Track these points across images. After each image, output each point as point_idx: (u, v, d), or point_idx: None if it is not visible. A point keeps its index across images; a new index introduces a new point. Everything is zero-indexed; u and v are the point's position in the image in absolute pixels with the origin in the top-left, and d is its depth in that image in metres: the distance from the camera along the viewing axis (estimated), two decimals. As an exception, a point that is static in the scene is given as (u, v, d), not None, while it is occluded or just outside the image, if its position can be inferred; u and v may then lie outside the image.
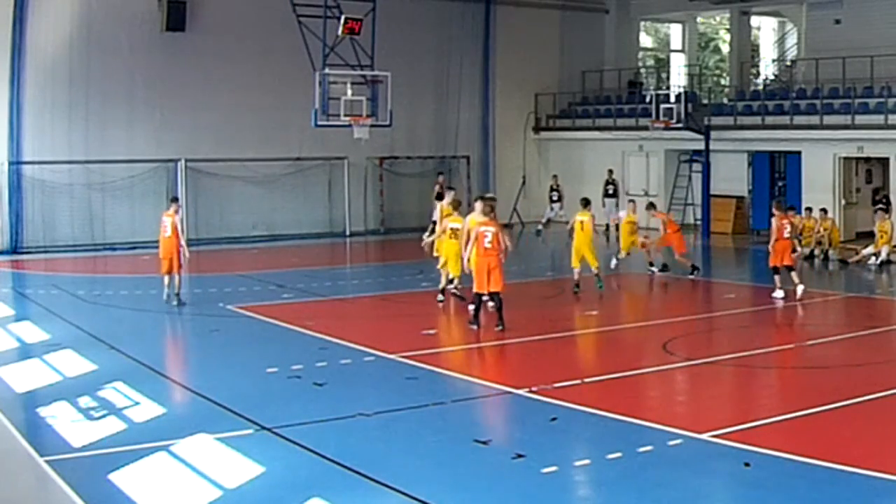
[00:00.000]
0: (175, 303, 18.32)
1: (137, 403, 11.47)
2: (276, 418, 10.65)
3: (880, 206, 25.22)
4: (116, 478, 8.91)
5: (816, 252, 24.90)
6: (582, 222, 19.73)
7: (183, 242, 18.43)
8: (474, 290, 15.85)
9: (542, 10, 35.31)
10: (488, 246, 15.62)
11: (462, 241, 16.75)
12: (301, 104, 26.88)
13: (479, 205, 16.69)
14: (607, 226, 31.63)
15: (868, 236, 26.08)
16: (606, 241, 30.70)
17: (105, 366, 13.36)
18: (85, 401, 11.53)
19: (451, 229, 17.72)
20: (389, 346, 14.41)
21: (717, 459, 9.51)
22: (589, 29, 36.41)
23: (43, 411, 11.17)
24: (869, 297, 20.03)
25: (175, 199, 19.94)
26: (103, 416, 10.94)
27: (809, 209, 25.84)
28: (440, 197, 28.19)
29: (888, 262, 23.47)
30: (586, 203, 20.27)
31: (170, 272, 18.40)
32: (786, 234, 18.85)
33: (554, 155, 36.13)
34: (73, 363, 13.55)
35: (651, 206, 24.37)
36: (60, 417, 10.87)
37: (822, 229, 25.16)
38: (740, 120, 30.27)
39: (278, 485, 8.84)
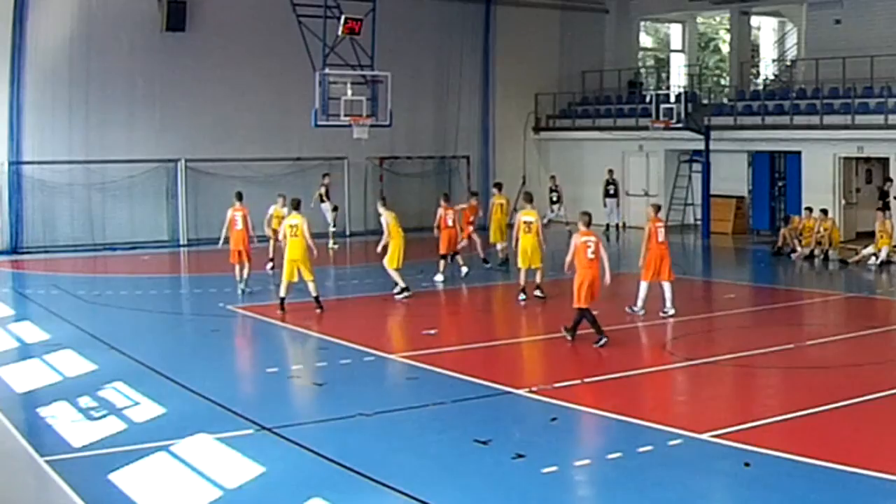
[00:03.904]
0: (247, 290, 19.51)
1: (137, 403, 11.47)
2: (276, 418, 10.65)
3: (883, 203, 25.19)
4: (116, 478, 8.91)
5: (816, 252, 24.89)
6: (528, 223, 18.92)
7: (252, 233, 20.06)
8: (578, 304, 14.51)
9: (542, 10, 35.28)
10: (591, 257, 14.59)
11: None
12: (301, 104, 26.85)
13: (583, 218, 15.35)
14: (607, 226, 31.61)
15: (868, 236, 26.08)
16: (606, 240, 30.71)
17: (105, 366, 13.36)
18: (85, 401, 11.53)
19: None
20: (389, 346, 14.43)
21: (717, 459, 9.51)
22: (589, 29, 36.39)
23: (43, 411, 11.17)
24: (869, 297, 20.02)
25: (240, 194, 20.62)
26: (103, 416, 10.93)
27: (809, 209, 25.84)
28: (323, 198, 28.33)
29: (888, 262, 23.47)
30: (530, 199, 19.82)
31: (240, 262, 19.59)
32: (449, 223, 21.32)
33: (554, 155, 36.12)
34: (73, 363, 13.55)
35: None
36: (60, 417, 10.87)
37: (822, 229, 25.15)
38: (740, 120, 30.26)
39: (278, 485, 8.84)
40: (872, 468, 8.84)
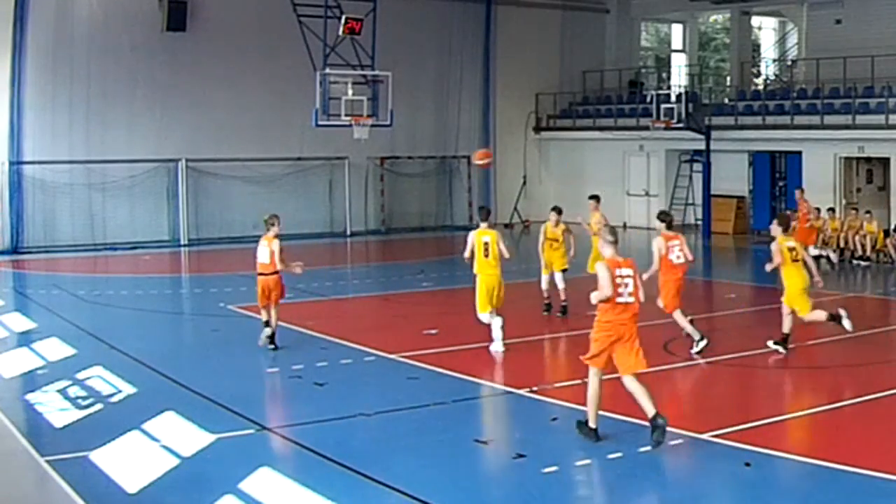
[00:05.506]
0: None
1: (137, 403, 11.47)
2: (276, 418, 10.66)
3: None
4: (117, 477, 8.91)
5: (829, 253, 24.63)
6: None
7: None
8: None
9: (542, 10, 35.31)
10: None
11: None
12: (302, 104, 26.89)
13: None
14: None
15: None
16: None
17: (105, 366, 13.34)
18: (86, 401, 11.53)
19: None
20: (390, 346, 14.41)
21: (717, 459, 9.51)
22: (589, 29, 36.42)
23: (44, 412, 11.17)
24: (868, 298, 20.00)
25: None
26: (104, 417, 10.93)
27: (819, 209, 25.78)
28: None
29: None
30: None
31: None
32: None
33: (555, 155, 36.15)
34: (73, 363, 13.55)
35: None
36: (61, 417, 10.87)
37: (830, 229, 25.01)
38: (741, 120, 30.28)
39: (279, 484, 8.84)
40: (872, 468, 8.83)
